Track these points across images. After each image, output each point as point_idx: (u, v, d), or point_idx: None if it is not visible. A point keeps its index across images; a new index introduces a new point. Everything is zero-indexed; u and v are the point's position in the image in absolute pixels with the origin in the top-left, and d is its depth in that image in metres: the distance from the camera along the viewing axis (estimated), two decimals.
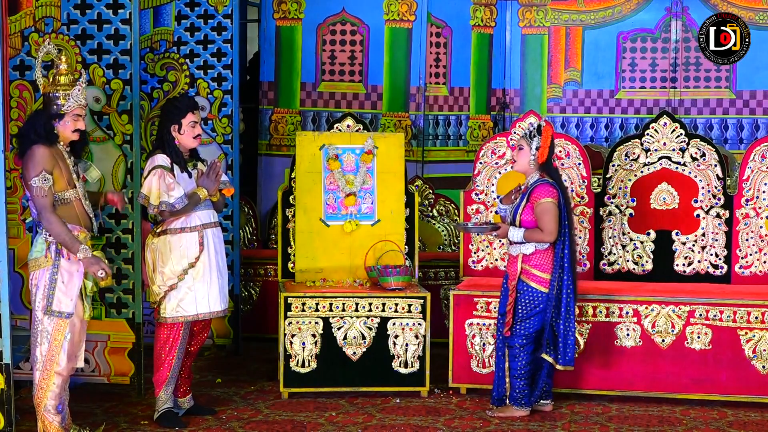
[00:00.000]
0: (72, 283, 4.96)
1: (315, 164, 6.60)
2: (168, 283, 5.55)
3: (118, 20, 6.12)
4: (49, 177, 4.89)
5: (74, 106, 4.99)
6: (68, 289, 4.95)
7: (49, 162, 4.90)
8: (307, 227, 6.56)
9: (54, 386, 4.99)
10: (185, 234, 5.57)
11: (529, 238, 5.66)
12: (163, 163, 5.51)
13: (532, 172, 5.76)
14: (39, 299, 4.95)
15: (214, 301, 5.64)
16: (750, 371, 6.07)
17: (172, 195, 5.45)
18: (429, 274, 7.60)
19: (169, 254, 5.55)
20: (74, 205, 5.02)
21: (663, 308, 6.16)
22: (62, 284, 4.94)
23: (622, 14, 9.38)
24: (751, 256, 6.60)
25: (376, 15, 8.95)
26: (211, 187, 5.62)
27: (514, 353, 5.78)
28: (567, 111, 9.52)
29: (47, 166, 4.89)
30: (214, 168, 5.67)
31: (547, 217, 5.64)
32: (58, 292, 4.93)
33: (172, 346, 5.60)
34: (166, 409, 5.62)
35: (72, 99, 4.98)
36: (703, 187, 6.65)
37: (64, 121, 4.99)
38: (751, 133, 9.14)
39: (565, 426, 5.69)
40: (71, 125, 5.01)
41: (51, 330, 4.95)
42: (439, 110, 9.19)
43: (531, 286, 5.71)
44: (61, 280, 4.93)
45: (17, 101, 6.15)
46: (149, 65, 7.36)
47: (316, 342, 6.19)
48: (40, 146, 4.90)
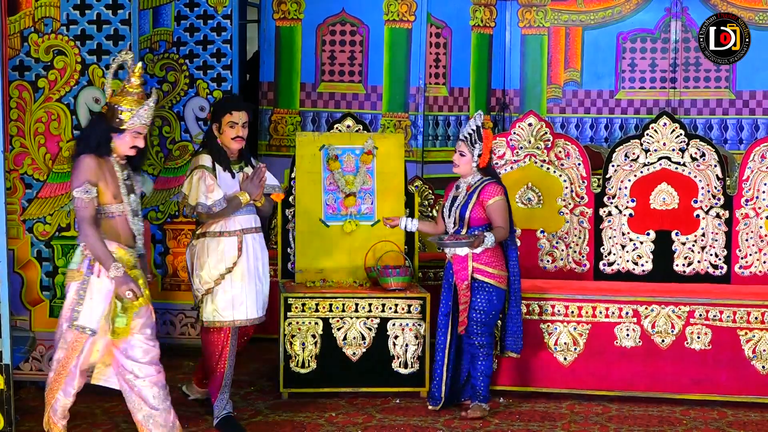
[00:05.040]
0: (99, 301, 4.74)
1: (315, 165, 6.60)
2: (205, 287, 5.47)
3: (117, 21, 6.13)
4: (91, 189, 4.68)
5: (137, 125, 4.77)
6: (94, 306, 4.73)
7: (95, 174, 4.70)
8: (307, 228, 6.56)
9: (61, 396, 4.87)
10: (224, 238, 5.46)
11: (496, 239, 5.74)
12: (206, 164, 5.43)
13: (473, 174, 5.86)
14: (66, 309, 4.78)
15: (252, 308, 5.53)
16: (750, 371, 6.07)
17: (211, 197, 5.35)
18: (429, 275, 7.60)
19: (207, 258, 5.46)
20: (117, 220, 4.80)
21: (663, 308, 6.16)
22: (90, 300, 4.73)
23: (622, 14, 9.39)
24: (751, 256, 6.60)
25: (376, 15, 8.96)
26: (254, 192, 5.48)
27: (487, 352, 5.83)
28: (567, 111, 9.53)
29: (92, 178, 4.68)
30: (258, 173, 5.51)
31: (503, 214, 5.79)
32: (84, 308, 4.72)
33: (222, 352, 5.51)
34: (225, 414, 5.55)
35: (136, 117, 4.75)
36: (702, 187, 6.66)
37: (123, 137, 4.76)
38: (750, 133, 9.15)
39: (565, 426, 5.69)
40: (129, 141, 4.78)
41: (69, 341, 4.78)
42: (439, 110, 9.20)
43: (489, 284, 5.76)
44: (89, 297, 4.73)
45: (17, 101, 6.16)
46: (149, 66, 7.36)
47: (316, 342, 6.19)
48: (88, 156, 4.70)
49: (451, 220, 5.87)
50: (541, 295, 6.25)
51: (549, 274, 6.80)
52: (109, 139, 4.75)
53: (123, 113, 4.73)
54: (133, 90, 4.77)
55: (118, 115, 4.73)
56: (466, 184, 5.87)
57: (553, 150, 6.80)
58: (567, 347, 6.24)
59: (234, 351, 5.56)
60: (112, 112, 4.75)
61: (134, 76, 4.78)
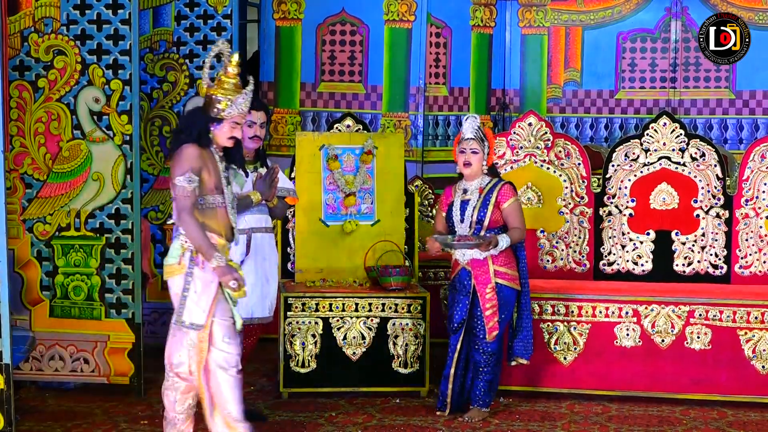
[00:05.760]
0: (206, 293, 4.62)
1: (315, 164, 6.60)
2: None
3: (117, 20, 6.12)
4: (195, 178, 4.57)
5: (235, 114, 4.70)
6: (200, 299, 4.62)
7: (198, 162, 4.60)
8: (307, 227, 6.56)
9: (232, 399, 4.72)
10: None
11: (513, 240, 5.70)
12: None
13: (481, 175, 5.79)
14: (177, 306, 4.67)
15: (257, 307, 5.52)
16: (750, 371, 6.07)
17: None
18: (429, 274, 7.60)
19: None
20: (218, 212, 4.70)
21: (663, 308, 6.16)
22: (194, 294, 4.61)
23: (622, 14, 9.39)
24: (751, 256, 6.60)
25: (376, 15, 8.96)
26: (266, 192, 5.46)
27: (497, 358, 5.79)
28: (567, 111, 9.54)
29: (195, 166, 4.58)
30: (272, 173, 5.51)
31: (519, 215, 5.76)
32: (189, 303, 4.61)
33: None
34: None
35: (235, 106, 4.68)
36: (702, 187, 6.66)
37: (222, 126, 4.69)
38: (750, 133, 9.15)
39: (564, 426, 5.69)
40: (228, 131, 4.70)
41: (196, 341, 4.65)
42: (439, 110, 9.20)
43: (506, 286, 5.72)
44: (194, 290, 4.61)
45: (17, 101, 6.16)
46: (149, 65, 7.36)
47: (315, 342, 6.19)
48: (191, 146, 4.62)
49: (465, 225, 5.74)
50: (541, 295, 6.24)
51: (549, 274, 6.80)
52: (209, 130, 4.69)
53: (221, 102, 4.67)
54: (230, 79, 4.70)
55: (215, 105, 4.68)
56: (477, 186, 5.77)
57: (553, 150, 6.80)
58: (567, 347, 6.24)
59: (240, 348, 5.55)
60: (210, 102, 4.70)
61: (231, 65, 4.71)
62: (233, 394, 4.71)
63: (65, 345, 6.21)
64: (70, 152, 6.14)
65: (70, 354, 6.22)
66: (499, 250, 5.69)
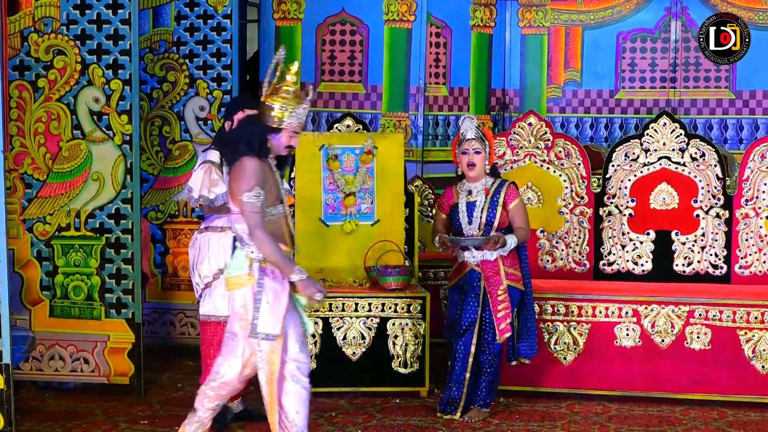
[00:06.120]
0: (278, 303, 4.59)
1: (314, 164, 6.60)
2: (204, 281, 5.48)
3: (117, 20, 6.12)
4: (261, 192, 4.53)
5: (295, 124, 4.67)
6: (273, 309, 4.58)
7: (261, 176, 4.56)
8: (307, 227, 6.56)
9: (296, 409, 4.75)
10: (226, 233, 5.45)
11: (519, 240, 5.70)
12: (213, 159, 5.43)
13: (484, 176, 5.78)
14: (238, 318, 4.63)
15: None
16: (749, 371, 6.07)
17: (214, 191, 5.36)
18: (429, 274, 7.60)
19: (207, 252, 5.47)
20: (279, 222, 4.69)
21: (662, 308, 6.16)
22: (267, 304, 4.57)
23: (622, 14, 9.39)
24: (751, 256, 6.60)
25: (376, 15, 8.95)
26: None
27: (500, 359, 5.79)
28: (567, 111, 9.53)
29: (260, 181, 4.54)
30: None
31: (525, 215, 5.78)
32: (263, 313, 4.56)
33: (216, 347, 5.53)
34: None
35: (294, 116, 4.65)
36: (702, 187, 6.66)
37: (280, 136, 4.64)
38: (750, 133, 9.15)
39: (564, 426, 5.69)
40: (285, 141, 4.66)
41: (267, 351, 4.60)
42: (439, 110, 9.20)
43: (512, 287, 5.72)
44: (266, 300, 4.57)
45: (17, 101, 6.16)
46: (149, 65, 7.36)
47: (315, 342, 6.19)
48: (252, 159, 4.56)
49: (474, 226, 5.73)
50: (541, 295, 6.24)
51: (549, 274, 6.80)
52: (267, 140, 4.64)
53: (281, 112, 4.62)
54: (290, 87, 4.67)
55: (274, 115, 4.63)
56: (483, 187, 5.76)
57: (553, 150, 6.81)
58: (567, 347, 6.24)
59: None
60: (267, 111, 4.64)
61: (290, 74, 4.69)
62: (303, 406, 4.76)
63: (65, 345, 6.21)
64: (70, 152, 6.15)
65: (70, 354, 6.22)
66: (508, 250, 5.69)
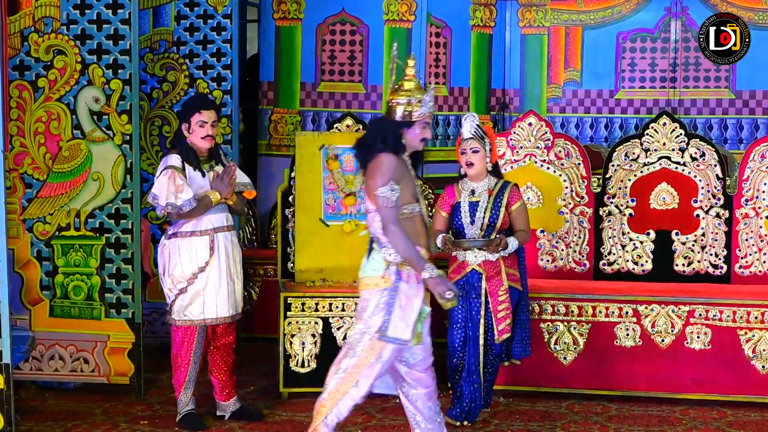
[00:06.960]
0: (411, 307, 4.53)
1: (314, 164, 6.60)
2: (178, 287, 5.51)
3: (117, 20, 6.12)
4: (396, 187, 4.48)
5: (426, 113, 4.63)
6: (406, 314, 4.52)
7: (398, 171, 4.51)
8: (307, 227, 6.56)
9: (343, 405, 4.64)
10: (195, 237, 5.49)
11: (520, 243, 5.69)
12: (175, 164, 5.44)
13: (486, 175, 5.75)
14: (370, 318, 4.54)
15: (222, 306, 5.54)
16: (749, 371, 6.07)
17: (180, 197, 5.36)
18: None
19: (179, 258, 5.50)
20: (416, 221, 4.61)
21: (663, 308, 6.16)
22: (400, 309, 4.51)
23: (622, 14, 9.39)
24: (751, 256, 6.60)
25: (376, 15, 8.95)
26: (224, 191, 5.50)
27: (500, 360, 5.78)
28: (567, 111, 9.53)
29: (396, 176, 4.49)
30: (228, 172, 5.54)
31: (526, 217, 5.74)
32: (395, 318, 4.50)
33: (187, 349, 5.55)
34: (187, 411, 5.60)
35: (425, 106, 4.59)
36: (702, 187, 6.66)
37: (413, 129, 4.59)
38: (750, 133, 9.15)
39: (565, 426, 5.69)
40: (420, 133, 4.61)
41: (366, 347, 4.55)
42: (439, 110, 9.19)
43: (512, 287, 5.70)
44: (399, 305, 4.51)
45: (17, 101, 6.16)
46: (149, 65, 7.36)
47: (315, 342, 6.19)
48: (388, 155, 4.51)
49: (476, 227, 5.70)
50: (541, 295, 6.25)
51: (549, 274, 6.80)
52: (401, 136, 4.60)
53: (411, 104, 4.59)
54: (411, 80, 4.66)
55: (405, 108, 4.59)
56: (486, 187, 5.72)
57: (553, 150, 6.81)
58: (567, 347, 6.24)
59: (200, 350, 5.60)
60: (396, 108, 4.61)
61: (408, 67, 4.69)
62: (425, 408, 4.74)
63: (65, 345, 6.21)
64: (70, 152, 6.15)
65: (70, 354, 6.22)
66: (509, 252, 5.68)
